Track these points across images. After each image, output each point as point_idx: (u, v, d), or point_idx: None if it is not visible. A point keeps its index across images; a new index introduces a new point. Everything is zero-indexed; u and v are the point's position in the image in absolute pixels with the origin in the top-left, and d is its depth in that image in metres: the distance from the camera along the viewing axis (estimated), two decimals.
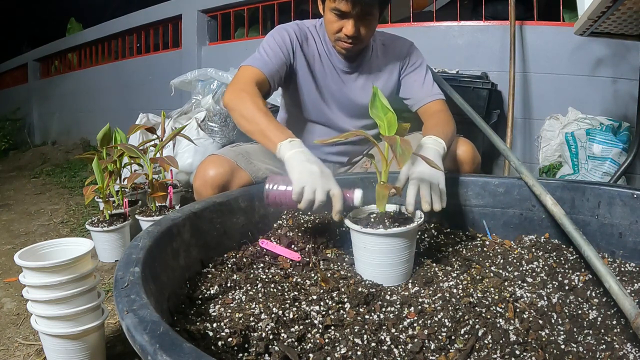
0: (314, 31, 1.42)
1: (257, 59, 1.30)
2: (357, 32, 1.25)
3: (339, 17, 1.24)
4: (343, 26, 1.25)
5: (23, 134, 6.02)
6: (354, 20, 1.23)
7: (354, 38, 1.26)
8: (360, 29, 1.25)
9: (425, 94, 1.41)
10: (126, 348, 1.15)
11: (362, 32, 1.26)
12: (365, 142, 1.53)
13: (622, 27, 1.55)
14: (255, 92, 1.19)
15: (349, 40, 1.28)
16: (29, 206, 2.80)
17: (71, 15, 5.75)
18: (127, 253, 0.76)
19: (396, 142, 0.87)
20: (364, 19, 1.24)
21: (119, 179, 1.94)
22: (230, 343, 0.69)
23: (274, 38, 1.36)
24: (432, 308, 0.81)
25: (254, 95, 1.17)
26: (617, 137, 2.06)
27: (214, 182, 1.23)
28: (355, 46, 1.31)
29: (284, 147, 1.03)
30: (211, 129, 2.63)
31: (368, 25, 1.26)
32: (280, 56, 1.33)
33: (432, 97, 1.40)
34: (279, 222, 1.19)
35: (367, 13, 1.23)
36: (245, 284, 0.89)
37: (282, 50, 1.34)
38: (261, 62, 1.29)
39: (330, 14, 1.26)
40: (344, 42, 1.29)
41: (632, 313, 0.71)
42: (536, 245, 1.10)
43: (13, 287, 1.58)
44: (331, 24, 1.27)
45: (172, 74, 3.08)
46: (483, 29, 2.55)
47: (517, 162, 1.25)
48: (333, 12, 1.24)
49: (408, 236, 0.92)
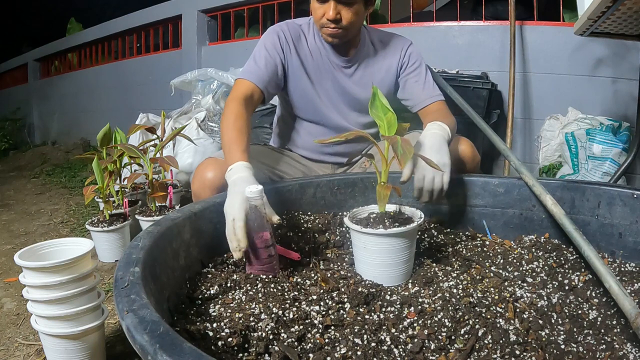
0: (306, 29, 1.43)
1: (249, 71, 1.34)
2: (337, 15, 1.27)
3: (321, 2, 1.28)
4: (325, 11, 1.28)
5: (23, 134, 6.03)
6: (334, 3, 1.26)
7: (335, 21, 1.28)
8: (342, 12, 1.28)
9: (426, 96, 1.42)
10: (126, 348, 1.15)
11: (345, 15, 1.28)
12: (363, 141, 1.52)
13: (622, 27, 1.55)
14: (234, 109, 1.23)
15: (331, 25, 1.29)
16: (29, 206, 2.80)
17: (71, 15, 5.76)
18: (127, 253, 0.76)
19: (397, 142, 0.87)
20: (344, 2, 1.26)
21: (119, 179, 1.94)
22: (230, 343, 0.69)
23: (264, 45, 1.38)
24: (432, 308, 0.81)
25: (232, 113, 1.22)
26: (617, 137, 2.06)
27: (213, 184, 1.23)
28: (340, 32, 1.32)
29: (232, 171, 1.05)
30: (211, 129, 2.63)
31: (349, 9, 1.28)
32: (271, 62, 1.35)
33: (432, 98, 1.41)
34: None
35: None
36: (245, 284, 0.89)
37: (272, 56, 1.36)
38: (253, 74, 1.33)
39: (314, 2, 1.30)
40: (328, 27, 1.31)
41: (632, 313, 0.71)
42: (536, 245, 1.10)
43: (13, 287, 1.58)
44: (315, 12, 1.31)
45: (172, 74, 3.08)
46: (483, 29, 2.55)
47: (517, 162, 1.25)
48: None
49: (408, 236, 0.92)
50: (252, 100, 1.30)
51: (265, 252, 0.92)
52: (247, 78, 1.32)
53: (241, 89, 1.30)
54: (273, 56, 1.36)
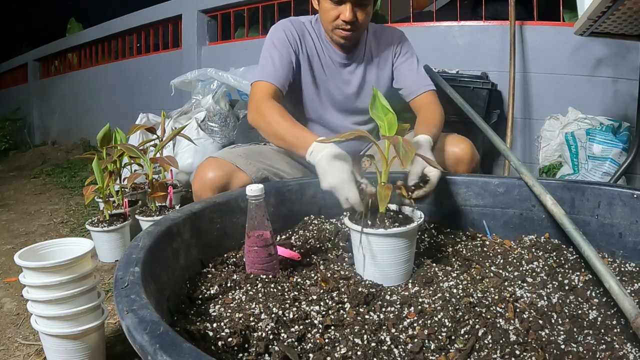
0: (309, 27, 1.44)
1: (265, 72, 1.32)
2: (354, 17, 1.27)
3: (336, 4, 1.26)
4: (340, 13, 1.27)
5: (23, 134, 6.03)
6: (351, 5, 1.25)
7: (352, 24, 1.28)
8: (357, 14, 1.27)
9: (418, 85, 1.45)
10: (126, 348, 1.15)
11: (359, 17, 1.28)
12: (364, 140, 1.53)
13: (622, 27, 1.55)
14: (273, 106, 1.23)
15: (347, 27, 1.29)
16: (29, 206, 2.80)
17: (71, 15, 5.75)
18: (127, 253, 0.76)
19: (399, 142, 0.87)
20: (360, 4, 1.26)
21: (119, 179, 1.94)
22: (230, 343, 0.69)
23: (273, 43, 1.37)
24: (432, 308, 0.81)
25: (272, 109, 1.22)
26: (617, 137, 2.06)
27: (213, 185, 1.23)
28: (354, 33, 1.32)
29: (315, 151, 1.06)
30: (211, 129, 2.63)
31: (364, 9, 1.28)
32: (286, 58, 1.35)
33: (424, 88, 1.44)
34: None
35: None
36: (245, 284, 0.89)
37: (284, 53, 1.35)
38: (270, 74, 1.32)
39: (326, 3, 1.28)
40: (342, 29, 1.30)
41: (632, 313, 0.71)
42: (536, 245, 1.10)
43: (13, 287, 1.58)
44: (328, 13, 1.29)
45: (172, 74, 3.08)
46: (483, 29, 2.55)
47: (517, 162, 1.25)
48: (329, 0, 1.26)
49: (408, 236, 0.92)
50: (276, 99, 1.30)
51: (265, 252, 0.92)
52: (264, 79, 1.31)
53: (263, 90, 1.29)
54: (285, 52, 1.35)
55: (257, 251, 0.92)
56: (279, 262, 0.96)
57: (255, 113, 1.27)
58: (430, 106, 1.40)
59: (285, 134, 1.17)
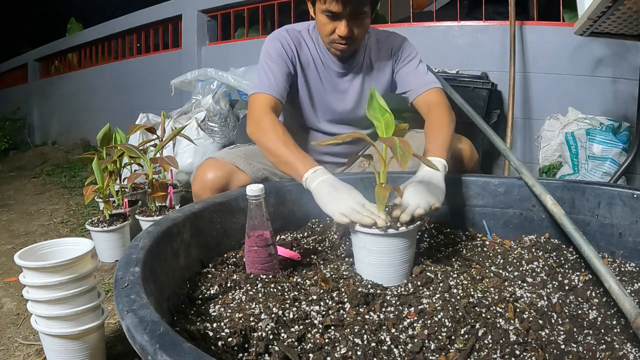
0: (306, 35, 1.40)
1: (263, 84, 1.30)
2: (350, 33, 1.23)
3: (331, 18, 1.23)
4: (336, 27, 1.24)
5: (23, 134, 6.03)
6: (346, 21, 1.21)
7: (348, 38, 1.25)
8: (353, 29, 1.24)
9: (420, 83, 1.37)
10: (126, 348, 1.15)
11: (356, 32, 1.25)
12: (362, 141, 1.52)
13: (622, 27, 1.55)
14: (272, 121, 1.21)
15: (343, 42, 1.26)
16: (29, 206, 2.80)
17: (71, 15, 5.75)
18: (127, 253, 0.76)
19: (395, 143, 0.86)
20: (356, 19, 1.22)
21: (119, 179, 1.94)
22: (230, 343, 0.69)
23: (269, 54, 1.34)
24: (432, 308, 0.81)
25: (271, 125, 1.20)
26: (617, 137, 2.06)
27: (213, 185, 1.23)
28: (350, 47, 1.30)
29: (309, 178, 1.05)
30: (211, 129, 2.63)
31: (360, 24, 1.25)
32: (282, 69, 1.32)
33: (427, 85, 1.36)
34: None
35: (359, 12, 1.21)
36: (245, 284, 0.89)
37: (280, 64, 1.33)
38: (268, 86, 1.29)
39: (321, 16, 1.24)
40: (339, 43, 1.28)
41: (632, 313, 0.71)
42: (536, 245, 1.10)
43: (13, 287, 1.58)
44: (324, 26, 1.26)
45: (172, 74, 3.08)
46: (483, 29, 2.55)
47: (517, 162, 1.25)
48: (325, 14, 1.22)
49: (408, 236, 0.92)
50: (275, 111, 1.28)
51: (265, 252, 0.92)
52: (262, 91, 1.29)
53: (261, 102, 1.27)
54: (281, 63, 1.33)
55: (257, 251, 0.92)
56: (279, 262, 0.96)
57: (255, 126, 1.24)
58: (437, 107, 1.30)
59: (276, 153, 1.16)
